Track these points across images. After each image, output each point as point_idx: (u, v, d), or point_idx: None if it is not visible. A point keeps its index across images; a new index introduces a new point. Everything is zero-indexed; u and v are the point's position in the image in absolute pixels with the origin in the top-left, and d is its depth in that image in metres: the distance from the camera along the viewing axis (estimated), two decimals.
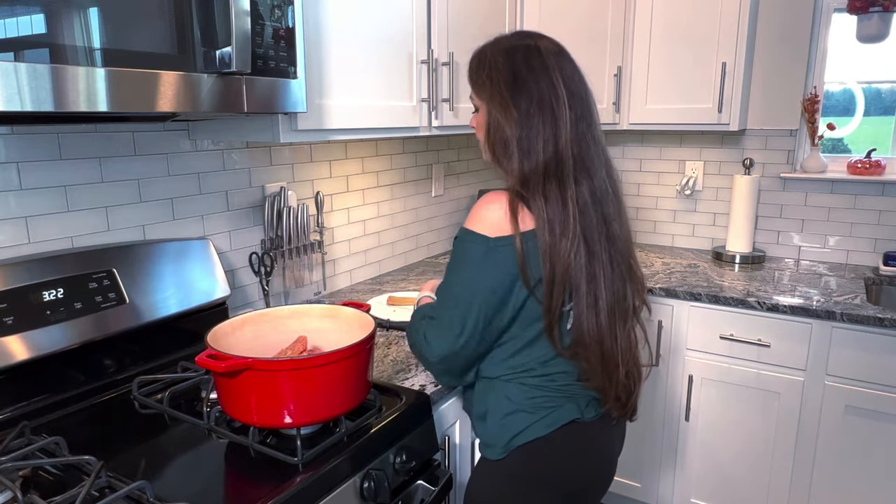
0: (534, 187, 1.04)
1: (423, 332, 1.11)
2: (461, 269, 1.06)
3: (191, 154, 1.51)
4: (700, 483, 2.19)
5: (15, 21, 0.79)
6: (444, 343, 1.07)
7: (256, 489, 0.92)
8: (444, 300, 1.09)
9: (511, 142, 1.06)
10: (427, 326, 1.11)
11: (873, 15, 2.17)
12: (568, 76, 1.07)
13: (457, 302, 1.06)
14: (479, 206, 1.07)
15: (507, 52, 1.08)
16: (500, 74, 1.08)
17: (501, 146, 1.08)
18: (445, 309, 1.08)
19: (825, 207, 2.43)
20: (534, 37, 1.11)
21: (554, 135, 1.04)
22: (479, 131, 1.16)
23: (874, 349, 1.82)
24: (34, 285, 1.14)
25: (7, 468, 0.92)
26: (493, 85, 1.08)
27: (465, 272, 1.06)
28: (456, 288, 1.07)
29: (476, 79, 1.12)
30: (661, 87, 2.34)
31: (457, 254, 1.08)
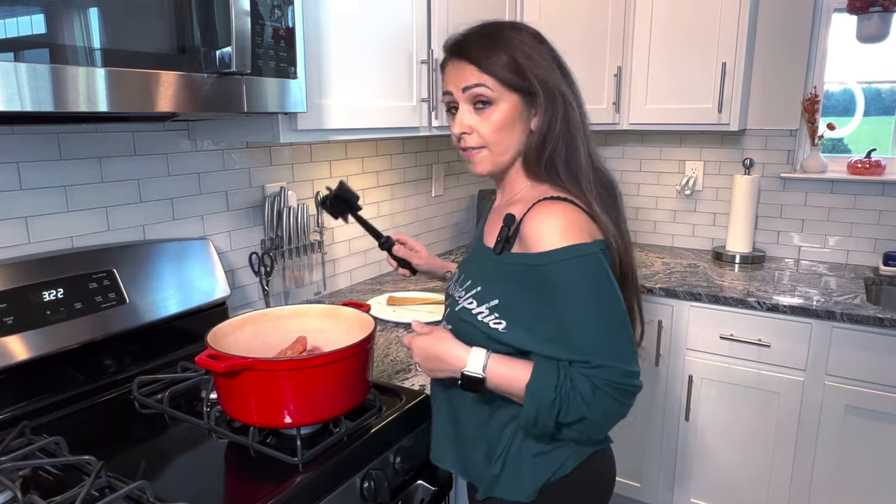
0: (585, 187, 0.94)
1: (610, 383, 0.87)
2: (596, 287, 0.88)
3: (191, 154, 1.51)
4: (700, 483, 2.19)
5: (15, 21, 0.79)
6: (635, 368, 0.89)
7: (256, 489, 0.92)
8: (603, 333, 0.88)
9: (578, 134, 0.95)
10: (607, 376, 0.87)
11: (873, 15, 2.17)
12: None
13: (620, 326, 0.89)
14: (554, 213, 0.90)
15: (526, 30, 0.96)
16: (548, 53, 0.95)
17: (564, 148, 0.95)
18: (613, 340, 0.88)
19: (825, 207, 2.43)
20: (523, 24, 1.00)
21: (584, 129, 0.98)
22: (498, 132, 0.95)
23: (874, 349, 1.82)
24: (34, 285, 1.14)
25: (7, 468, 0.92)
26: (543, 59, 0.93)
27: (603, 289, 0.88)
28: (608, 312, 0.88)
29: (506, 60, 0.92)
30: (661, 87, 2.34)
31: (576, 275, 0.87)
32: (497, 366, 0.93)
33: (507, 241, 0.95)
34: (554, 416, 0.88)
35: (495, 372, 0.92)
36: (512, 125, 0.95)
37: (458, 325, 1.00)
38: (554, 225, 0.88)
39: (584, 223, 0.90)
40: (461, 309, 1.00)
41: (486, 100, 0.94)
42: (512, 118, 0.95)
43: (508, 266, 0.93)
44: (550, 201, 0.91)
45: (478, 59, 0.93)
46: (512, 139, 0.96)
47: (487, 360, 0.93)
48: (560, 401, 0.87)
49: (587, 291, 0.87)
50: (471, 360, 0.94)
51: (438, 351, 0.97)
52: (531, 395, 0.88)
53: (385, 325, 1.65)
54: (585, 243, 0.88)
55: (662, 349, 2.16)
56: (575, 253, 0.87)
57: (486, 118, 0.95)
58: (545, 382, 0.88)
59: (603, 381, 0.86)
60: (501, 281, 0.94)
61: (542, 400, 0.88)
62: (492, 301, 0.95)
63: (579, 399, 0.86)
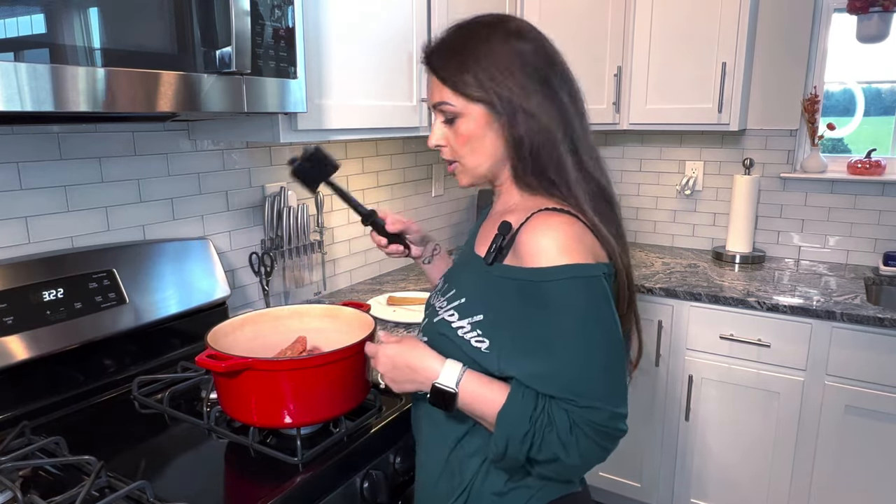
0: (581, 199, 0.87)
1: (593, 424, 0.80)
2: (595, 315, 0.81)
3: (191, 154, 1.51)
4: (700, 483, 2.19)
5: (15, 21, 0.79)
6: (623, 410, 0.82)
7: (256, 489, 0.92)
8: (594, 369, 0.80)
9: (556, 143, 0.87)
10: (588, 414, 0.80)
11: (873, 15, 2.17)
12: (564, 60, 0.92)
13: (615, 361, 0.82)
14: (555, 225, 0.82)
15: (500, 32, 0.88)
16: (511, 60, 0.86)
17: (545, 146, 0.87)
18: (605, 378, 0.80)
19: (825, 207, 2.42)
20: (510, 18, 0.93)
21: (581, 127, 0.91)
22: (468, 146, 0.90)
23: (874, 349, 1.82)
24: (34, 285, 1.14)
25: (7, 468, 0.92)
26: (507, 69, 0.86)
27: (602, 318, 0.81)
28: (603, 345, 0.81)
29: (465, 73, 0.87)
30: (661, 87, 2.34)
31: (574, 298, 0.80)
32: (472, 383, 0.85)
33: (501, 252, 0.87)
34: (525, 450, 0.80)
35: (468, 390, 0.85)
36: (481, 137, 0.89)
37: (434, 338, 0.93)
38: (555, 238, 0.81)
39: (588, 240, 0.84)
40: (440, 321, 0.92)
41: (451, 115, 0.90)
42: (479, 130, 0.89)
43: (499, 279, 0.85)
44: (550, 212, 0.84)
45: (441, 75, 0.89)
46: (483, 151, 0.90)
47: (462, 375, 0.85)
48: (534, 434, 0.79)
49: (584, 318, 0.80)
50: (444, 372, 0.86)
51: (409, 359, 0.89)
52: (502, 423, 0.81)
53: (385, 325, 1.65)
54: (588, 264, 0.81)
55: (662, 349, 2.16)
56: (576, 273, 0.79)
57: (455, 131, 0.91)
58: (520, 412, 0.80)
59: (585, 421, 0.79)
60: (489, 294, 0.87)
61: (513, 431, 0.80)
62: (476, 316, 0.88)
63: (555, 437, 0.79)
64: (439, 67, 0.90)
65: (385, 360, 0.92)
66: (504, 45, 0.87)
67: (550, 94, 0.87)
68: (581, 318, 0.80)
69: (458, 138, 0.91)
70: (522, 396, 0.81)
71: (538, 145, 0.87)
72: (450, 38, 0.91)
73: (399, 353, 0.91)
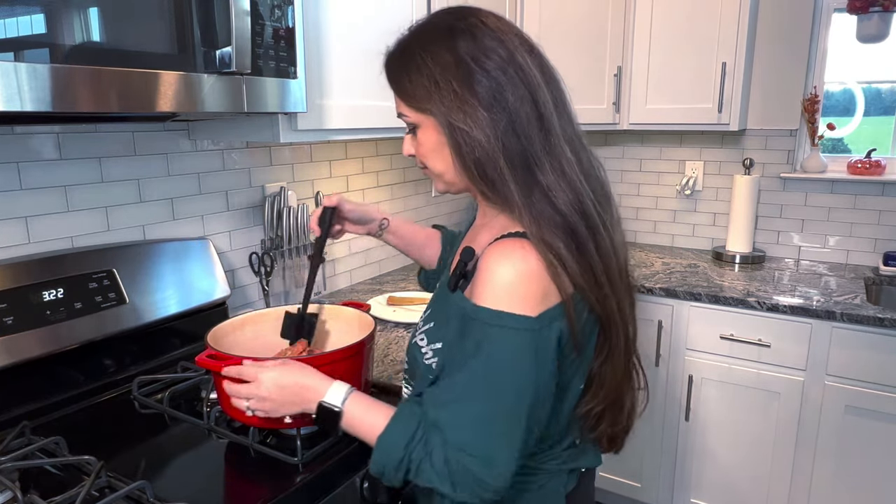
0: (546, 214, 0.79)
1: (464, 468, 0.76)
2: (507, 368, 0.76)
3: (191, 154, 1.51)
4: (700, 483, 2.19)
5: (15, 21, 0.79)
6: (503, 476, 0.77)
7: (256, 489, 0.92)
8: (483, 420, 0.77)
9: (497, 157, 0.79)
10: (460, 457, 0.77)
11: (873, 15, 2.17)
12: (535, 52, 0.84)
13: (511, 421, 0.77)
14: (512, 260, 0.76)
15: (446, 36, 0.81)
16: (448, 68, 0.80)
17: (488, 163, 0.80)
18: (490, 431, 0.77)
19: (825, 207, 2.43)
20: (471, 13, 0.85)
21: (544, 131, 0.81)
22: (430, 156, 0.87)
23: (874, 349, 1.82)
24: (34, 285, 1.14)
25: (7, 468, 0.92)
26: (445, 85, 0.79)
27: (514, 373, 0.76)
28: (505, 399, 0.77)
29: (410, 84, 0.83)
30: (661, 87, 2.34)
31: (495, 346, 0.76)
32: (357, 405, 0.85)
33: (465, 278, 0.84)
34: (401, 476, 0.80)
35: (352, 411, 0.85)
36: (439, 147, 0.84)
37: (410, 359, 0.93)
38: (505, 276, 0.76)
39: (540, 281, 0.76)
40: (414, 344, 0.92)
41: (410, 125, 0.87)
42: (435, 140, 0.84)
43: (455, 308, 0.83)
44: (511, 240, 0.78)
45: (392, 82, 0.87)
46: (443, 162, 0.86)
47: (348, 395, 0.86)
48: (409, 462, 0.79)
49: (493, 367, 0.76)
50: (331, 391, 0.87)
51: (298, 379, 0.89)
52: (379, 448, 0.81)
53: (385, 325, 1.65)
54: (525, 316, 0.75)
55: (662, 349, 2.16)
56: (507, 323, 0.75)
57: (417, 141, 0.88)
58: (396, 439, 0.80)
59: (455, 460, 0.76)
60: (450, 322, 0.84)
61: (389, 457, 0.80)
62: (436, 343, 0.87)
63: (429, 466, 0.78)
64: (389, 76, 0.87)
65: (268, 381, 0.89)
66: (446, 49, 0.80)
67: (493, 101, 0.79)
68: (488, 367, 0.76)
69: (420, 147, 0.88)
70: (403, 424, 0.81)
71: (480, 161, 0.80)
72: (401, 41, 0.87)
73: (284, 373, 0.90)
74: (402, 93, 0.85)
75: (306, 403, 0.89)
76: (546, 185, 0.80)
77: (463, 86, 0.79)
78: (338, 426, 0.87)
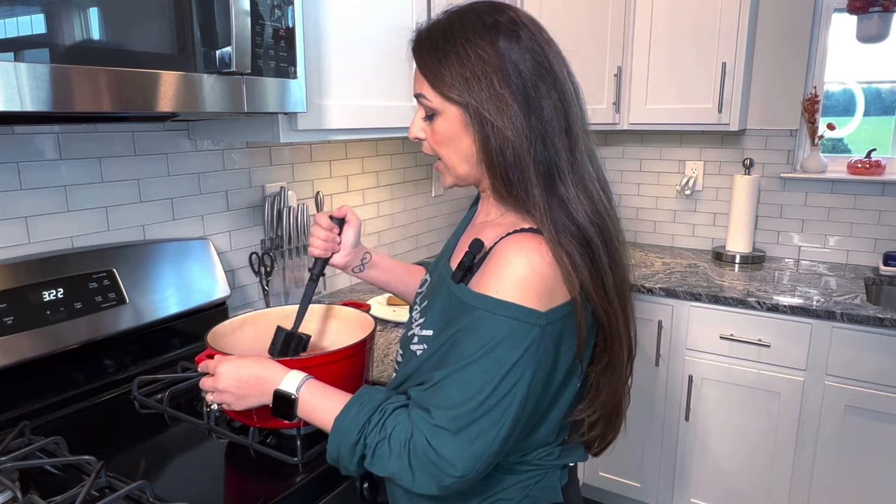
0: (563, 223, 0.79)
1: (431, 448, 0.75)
2: (507, 355, 0.74)
3: (191, 154, 1.51)
4: (700, 483, 2.19)
5: (15, 21, 0.79)
6: (473, 460, 0.75)
7: (256, 489, 0.92)
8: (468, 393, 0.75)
9: (526, 161, 0.79)
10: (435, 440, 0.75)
11: (873, 15, 2.17)
12: (566, 63, 0.85)
13: (498, 413, 0.75)
14: (526, 256, 0.76)
15: (491, 32, 0.80)
16: (489, 65, 0.79)
17: (514, 166, 0.79)
18: (472, 407, 0.75)
19: (825, 207, 2.43)
20: (511, 9, 0.84)
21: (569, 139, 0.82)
22: (445, 146, 0.85)
23: (874, 349, 1.82)
24: (34, 285, 1.14)
25: (7, 468, 0.92)
26: (485, 81, 0.79)
27: (516, 364, 0.75)
28: (500, 390, 0.75)
29: (445, 71, 0.81)
30: (661, 87, 2.34)
31: (497, 335, 0.74)
32: (313, 392, 0.85)
33: (470, 271, 0.82)
34: (356, 460, 0.79)
35: (307, 398, 0.85)
36: (457, 139, 0.83)
37: (405, 352, 0.91)
38: (520, 269, 0.75)
39: (551, 278, 0.76)
40: (412, 335, 0.90)
41: (430, 111, 0.85)
42: (455, 132, 0.83)
43: (455, 299, 0.81)
44: (527, 235, 0.78)
45: (423, 65, 0.84)
46: (458, 154, 0.85)
47: (303, 383, 0.86)
48: (365, 446, 0.78)
49: (494, 353, 0.74)
50: (286, 379, 0.87)
51: (255, 371, 0.89)
52: (334, 431, 0.80)
53: (385, 325, 1.65)
54: (534, 310, 0.74)
55: (662, 349, 2.16)
56: (516, 315, 0.74)
57: (433, 128, 0.86)
58: (352, 421, 0.79)
59: (422, 439, 0.75)
60: (448, 313, 0.82)
61: (343, 441, 0.79)
62: (426, 331, 0.85)
63: (386, 450, 0.77)
64: (421, 59, 0.85)
65: (226, 375, 0.90)
66: (489, 45, 0.80)
67: (529, 107, 0.79)
68: (490, 351, 0.74)
69: (435, 136, 0.86)
70: (358, 408, 0.80)
71: (507, 161, 0.80)
72: (439, 26, 0.85)
73: (242, 365, 0.91)
74: (433, 77, 0.83)
75: (262, 395, 0.89)
76: (566, 198, 0.80)
77: (503, 85, 0.79)
78: (293, 413, 0.86)
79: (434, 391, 0.77)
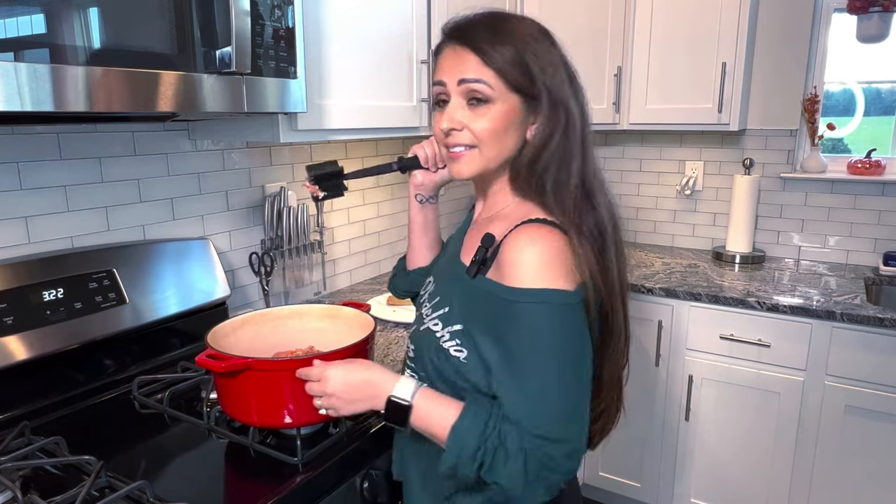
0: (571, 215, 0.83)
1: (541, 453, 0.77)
2: (563, 344, 0.78)
3: (191, 154, 1.51)
4: (700, 483, 2.19)
5: (15, 21, 0.79)
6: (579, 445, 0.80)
7: (256, 489, 0.92)
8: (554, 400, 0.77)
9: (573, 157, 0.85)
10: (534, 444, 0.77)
11: (873, 15, 2.17)
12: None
13: (578, 393, 0.80)
14: (537, 242, 0.79)
15: (548, 39, 0.87)
16: (557, 67, 0.85)
17: (556, 167, 0.85)
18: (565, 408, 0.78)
19: (825, 207, 2.42)
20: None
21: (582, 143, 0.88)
22: (492, 136, 0.85)
23: (874, 349, 1.82)
24: (34, 285, 1.14)
25: (7, 468, 0.92)
26: (559, 80, 0.84)
27: (571, 347, 0.79)
28: (567, 375, 0.78)
29: (514, 61, 0.82)
30: (661, 87, 2.34)
31: (545, 325, 0.77)
32: (426, 399, 0.84)
33: (484, 264, 0.85)
34: (475, 468, 0.78)
35: (422, 405, 0.84)
36: (506, 130, 0.85)
37: (421, 347, 0.92)
38: (534, 256, 0.78)
39: (569, 259, 0.80)
40: (426, 330, 0.92)
41: (482, 97, 0.83)
42: (508, 122, 0.84)
43: (480, 291, 0.84)
44: (535, 224, 0.82)
45: (482, 49, 0.82)
46: (503, 145, 0.86)
47: (417, 390, 0.85)
48: (484, 452, 0.78)
49: (546, 346, 0.77)
50: (399, 385, 0.86)
51: (365, 375, 0.89)
52: (453, 438, 0.79)
53: (385, 325, 1.66)
54: (565, 291, 0.78)
55: (662, 349, 2.16)
56: (550, 299, 0.77)
57: (479, 115, 0.84)
58: (471, 428, 0.79)
59: (532, 448, 0.76)
60: (469, 305, 0.85)
61: (463, 448, 0.79)
62: (455, 325, 0.87)
63: (503, 456, 0.77)
64: (483, 44, 0.82)
65: (335, 378, 0.90)
66: (544, 38, 0.85)
67: (581, 109, 0.87)
68: (543, 346, 0.77)
69: (485, 125, 0.84)
70: (474, 414, 0.80)
71: (559, 153, 0.84)
72: (490, 20, 0.85)
73: (352, 370, 0.90)
74: (497, 64, 0.82)
75: (372, 400, 0.88)
76: (592, 192, 0.86)
77: (569, 84, 0.86)
78: (407, 421, 0.85)
79: (522, 402, 0.78)
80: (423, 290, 1.01)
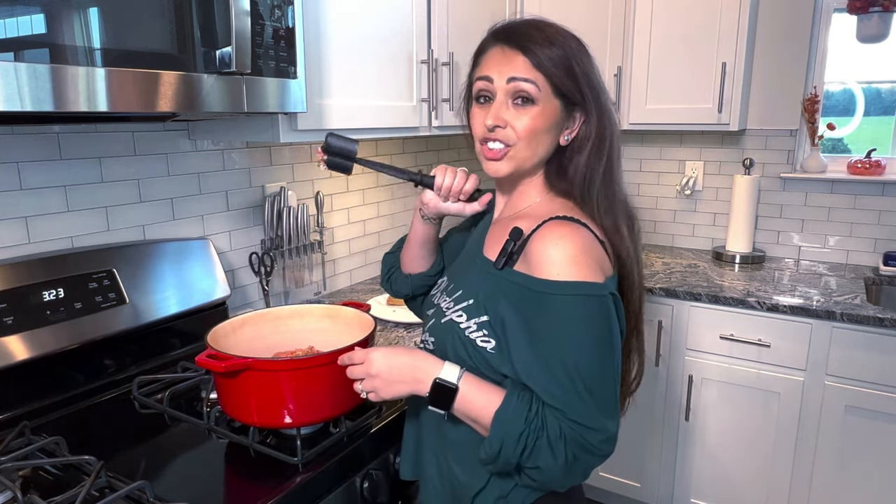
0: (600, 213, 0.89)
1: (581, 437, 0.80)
2: (597, 335, 0.81)
3: (191, 154, 1.51)
4: (700, 483, 2.19)
5: (15, 21, 0.79)
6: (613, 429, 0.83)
7: (256, 489, 0.92)
8: (589, 388, 0.80)
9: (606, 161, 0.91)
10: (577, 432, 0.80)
11: (873, 15, 2.17)
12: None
13: (610, 380, 0.83)
14: (567, 236, 0.83)
15: (589, 55, 0.92)
16: (600, 81, 0.91)
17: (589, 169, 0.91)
18: (599, 396, 0.81)
19: (825, 207, 2.42)
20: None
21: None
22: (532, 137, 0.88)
23: (874, 349, 1.82)
24: (34, 285, 1.14)
25: (7, 468, 0.92)
26: (603, 91, 0.91)
27: (603, 338, 0.82)
28: (601, 365, 0.81)
29: (567, 65, 0.87)
30: (661, 87, 2.34)
31: (578, 316, 0.80)
32: (471, 384, 0.85)
33: (511, 257, 0.87)
34: (518, 452, 0.80)
35: (466, 389, 0.85)
36: (546, 132, 0.88)
37: (442, 338, 0.93)
38: (565, 250, 0.81)
39: (598, 254, 0.84)
40: (448, 321, 0.92)
41: (528, 97, 0.86)
42: (549, 125, 0.88)
43: (508, 283, 0.86)
44: (563, 221, 0.85)
45: (532, 52, 0.85)
46: (541, 146, 0.89)
47: (462, 374, 0.86)
48: (528, 436, 0.80)
49: (580, 336, 0.80)
50: (446, 368, 0.86)
51: (407, 358, 0.89)
52: (498, 423, 0.81)
53: (385, 325, 1.65)
54: (596, 283, 0.81)
55: (662, 349, 2.16)
56: (582, 291, 0.80)
57: (522, 114, 0.87)
58: (516, 413, 0.81)
59: (572, 434, 0.79)
60: (496, 297, 0.87)
61: (509, 431, 0.80)
62: (481, 317, 0.88)
63: (545, 441, 0.79)
64: (534, 47, 0.86)
65: (379, 361, 0.90)
66: (588, 53, 0.91)
67: (612, 115, 0.93)
68: (577, 336, 0.80)
69: (527, 125, 0.87)
70: (518, 398, 0.82)
71: (595, 156, 0.90)
72: (538, 24, 0.90)
73: (396, 353, 0.90)
74: (546, 68, 0.86)
75: (415, 383, 0.88)
76: (614, 191, 0.91)
77: (606, 94, 0.92)
78: (451, 403, 0.86)
79: (558, 391, 0.80)
80: (436, 290, 1.04)
